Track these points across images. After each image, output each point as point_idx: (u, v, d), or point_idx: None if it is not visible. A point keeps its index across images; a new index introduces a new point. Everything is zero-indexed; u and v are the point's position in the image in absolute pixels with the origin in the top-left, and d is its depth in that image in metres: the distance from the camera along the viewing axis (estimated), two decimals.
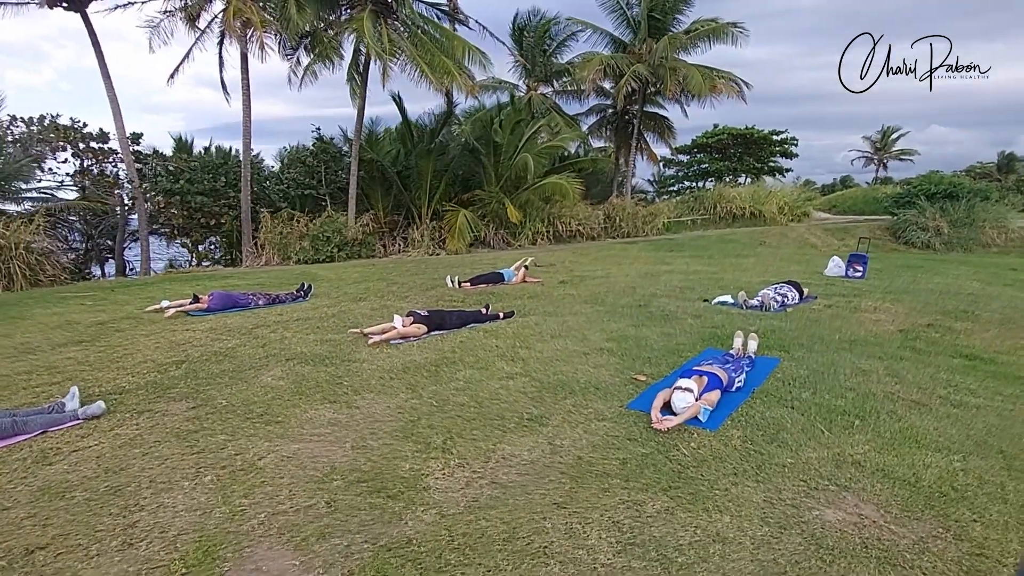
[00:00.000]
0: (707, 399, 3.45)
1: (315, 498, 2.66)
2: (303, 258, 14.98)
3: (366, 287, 8.81)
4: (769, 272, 10.22)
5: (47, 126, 15.69)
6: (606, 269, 11.10)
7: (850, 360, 4.49)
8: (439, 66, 15.76)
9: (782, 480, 2.73)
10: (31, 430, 3.40)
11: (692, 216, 24.45)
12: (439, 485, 2.75)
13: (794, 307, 6.62)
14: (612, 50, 23.55)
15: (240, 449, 3.17)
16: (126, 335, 5.65)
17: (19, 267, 9.86)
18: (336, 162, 18.62)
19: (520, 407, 3.66)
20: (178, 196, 16.17)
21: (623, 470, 2.84)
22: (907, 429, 3.25)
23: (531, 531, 2.38)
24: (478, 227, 18.22)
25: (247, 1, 14.53)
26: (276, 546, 2.34)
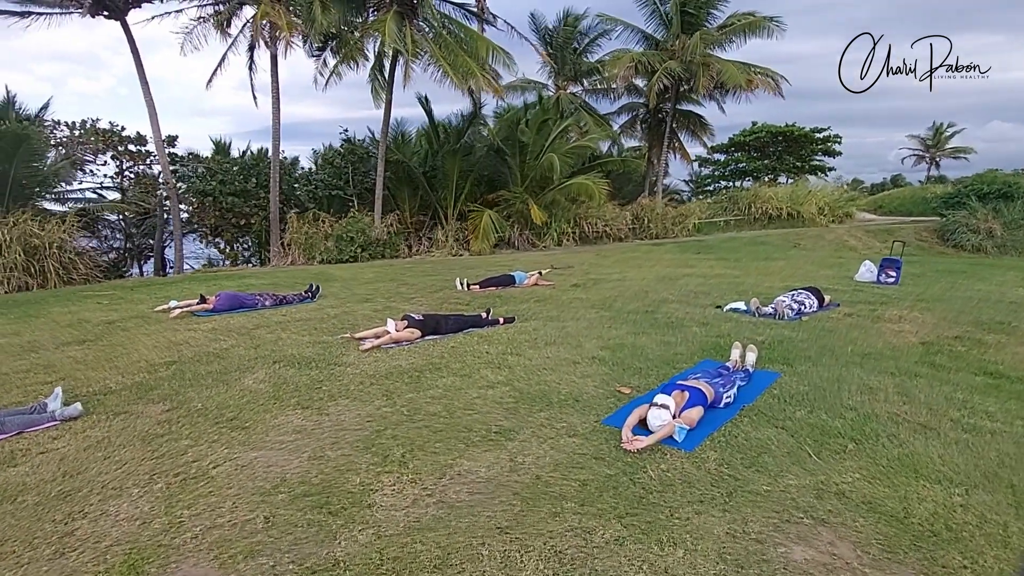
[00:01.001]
0: (687, 417, 3.23)
1: (255, 512, 2.58)
2: (327, 258, 15.18)
3: (375, 288, 8.81)
4: (796, 277, 9.75)
5: (87, 130, 16.39)
6: (624, 272, 10.82)
7: (858, 376, 4.16)
8: (462, 66, 15.74)
9: (752, 510, 2.50)
10: (8, 430, 3.45)
11: (725, 217, 23.73)
12: (385, 502, 2.63)
13: (811, 315, 6.25)
14: (644, 47, 23.08)
15: (199, 456, 3.13)
16: (129, 334, 5.76)
17: (53, 266, 10.28)
18: (363, 163, 18.83)
19: (491, 419, 3.52)
20: (211, 197, 16.64)
21: (581, 493, 2.66)
22: (907, 456, 2.96)
23: (465, 557, 2.23)
24: (503, 228, 18.13)
25: (275, 5, 14.86)
26: (203, 562, 2.26)
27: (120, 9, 15.04)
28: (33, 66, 57.07)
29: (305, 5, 14.82)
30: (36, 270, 10.08)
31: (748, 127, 34.47)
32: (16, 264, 9.69)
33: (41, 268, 10.17)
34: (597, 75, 24.26)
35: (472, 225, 17.89)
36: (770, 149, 34.27)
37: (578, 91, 25.35)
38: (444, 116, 18.91)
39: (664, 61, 21.27)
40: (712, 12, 21.95)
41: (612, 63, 22.28)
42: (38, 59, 65.48)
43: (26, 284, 9.84)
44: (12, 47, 56.81)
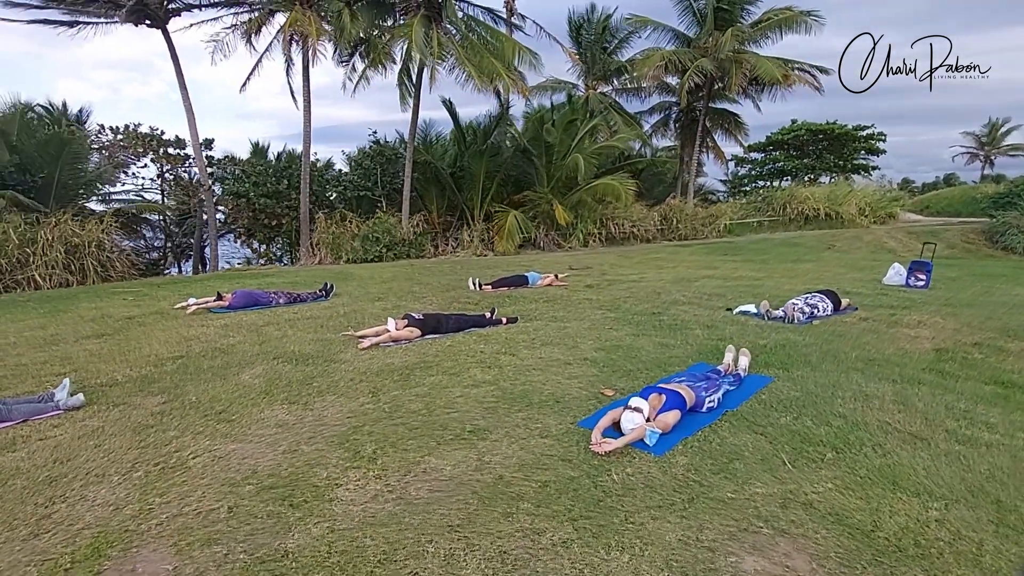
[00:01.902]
0: (661, 420, 3.17)
1: (221, 502, 2.66)
2: (352, 257, 15.49)
3: (390, 287, 8.94)
4: (822, 280, 9.43)
5: (129, 134, 17.17)
6: (643, 273, 10.67)
7: (856, 382, 4.00)
8: (488, 68, 15.82)
9: (710, 517, 2.44)
10: (15, 418, 3.66)
11: (758, 218, 23.10)
12: (346, 497, 2.68)
13: (824, 319, 6.03)
14: (676, 45, 22.70)
15: (182, 446, 3.24)
16: (146, 329, 6.01)
17: (92, 264, 10.81)
18: (392, 164, 19.12)
19: (469, 418, 3.53)
20: (244, 198, 17.20)
21: (539, 494, 2.65)
22: (889, 467, 2.83)
23: (410, 554, 2.25)
24: (528, 228, 18.12)
25: (305, 12, 15.26)
26: (161, 548, 2.35)
27: (161, 18, 15.69)
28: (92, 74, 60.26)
29: (335, 12, 15.16)
30: (76, 268, 10.62)
31: (787, 125, 33.53)
32: (57, 262, 10.23)
33: (81, 266, 10.70)
34: (627, 74, 24.00)
35: (497, 226, 17.96)
36: (810, 148, 33.18)
37: (608, 91, 25.14)
38: (472, 117, 19.02)
39: (695, 59, 20.89)
40: (747, 8, 21.47)
41: (642, 62, 22.00)
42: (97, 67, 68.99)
43: (67, 281, 10.37)
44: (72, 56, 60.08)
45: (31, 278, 10.02)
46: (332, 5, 15.41)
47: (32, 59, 63.50)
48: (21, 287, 9.91)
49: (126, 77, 72.33)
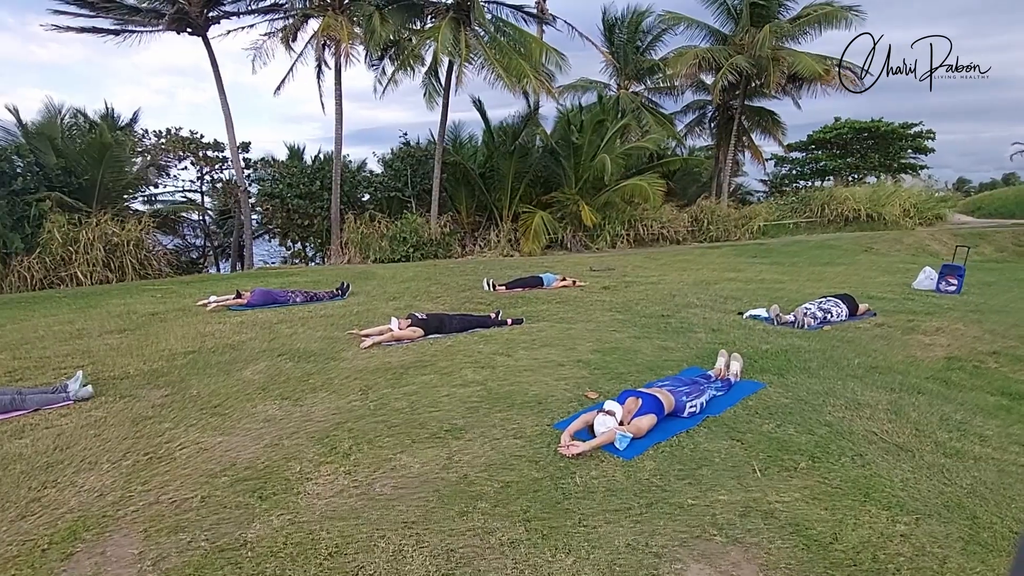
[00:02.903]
0: (635, 424, 3.14)
1: (196, 492, 2.79)
2: (380, 257, 15.78)
3: (407, 287, 9.09)
4: (849, 284, 9.12)
5: (170, 138, 17.94)
6: (664, 275, 10.52)
7: (852, 390, 3.86)
8: (515, 69, 15.88)
9: (665, 523, 2.42)
10: (28, 407, 3.90)
11: (794, 219, 22.41)
12: (313, 491, 2.76)
13: (838, 325, 5.83)
14: (711, 42, 22.26)
15: (173, 438, 3.40)
16: (166, 325, 6.29)
17: (130, 262, 11.36)
18: (422, 165, 19.38)
19: (449, 417, 3.58)
20: (278, 199, 17.74)
21: (500, 494, 2.67)
22: (864, 478, 2.74)
23: (360, 548, 2.31)
24: (555, 229, 18.09)
25: (338, 16, 15.63)
26: (132, 534, 2.48)
27: (201, 26, 16.34)
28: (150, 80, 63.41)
29: (366, 17, 15.49)
30: (116, 266, 11.19)
31: (830, 123, 32.40)
32: (98, 260, 10.80)
33: (120, 264, 11.27)
34: (660, 73, 23.66)
35: (524, 226, 17.99)
36: (854, 147, 31.99)
37: (640, 90, 24.84)
38: (502, 118, 19.07)
39: (730, 56, 20.45)
40: (785, 3, 20.89)
41: (674, 60, 21.66)
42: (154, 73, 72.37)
43: (106, 278, 10.93)
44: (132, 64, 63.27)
45: (73, 275, 10.61)
46: (363, 9, 15.76)
47: (94, 67, 67.24)
48: (64, 283, 10.50)
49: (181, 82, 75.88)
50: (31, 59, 61.03)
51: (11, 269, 10.16)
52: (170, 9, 14.54)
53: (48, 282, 10.38)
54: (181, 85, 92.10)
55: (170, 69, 72.49)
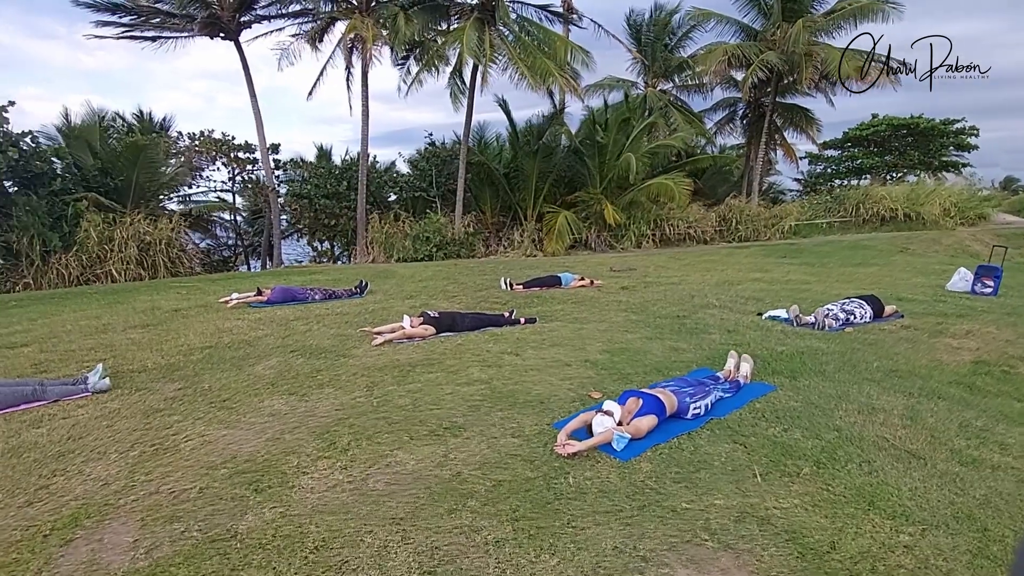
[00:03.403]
0: (635, 425, 3.09)
1: (195, 483, 2.84)
2: (403, 256, 15.93)
3: (425, 286, 9.14)
4: (881, 285, 8.81)
5: (203, 140, 18.46)
6: (686, 275, 10.34)
7: (868, 394, 3.72)
8: (540, 68, 15.84)
9: (655, 527, 2.36)
10: (48, 398, 4.04)
11: (828, 219, 21.78)
12: (308, 485, 2.79)
13: (861, 326, 5.63)
14: (741, 38, 21.82)
15: (180, 430, 3.48)
16: (187, 321, 6.46)
17: (162, 260, 11.72)
18: (447, 165, 19.50)
19: (449, 415, 3.57)
20: (306, 199, 18.08)
21: (491, 492, 2.65)
22: (870, 486, 2.62)
23: (347, 543, 2.32)
24: (579, 229, 17.97)
25: (363, 18, 15.84)
26: (130, 522, 2.54)
27: (233, 31, 16.77)
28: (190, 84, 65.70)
29: (391, 17, 15.67)
30: (148, 264, 11.56)
31: (867, 120, 31.37)
32: (131, 258, 11.17)
33: (152, 262, 11.63)
34: (688, 71, 23.30)
35: (547, 226, 17.93)
36: (892, 144, 30.92)
37: (669, 88, 24.50)
38: (527, 118, 19.05)
39: (761, 52, 20.01)
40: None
41: (703, 57, 21.33)
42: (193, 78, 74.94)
43: (139, 275, 11.30)
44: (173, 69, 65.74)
45: (108, 272, 10.99)
46: (388, 10, 15.94)
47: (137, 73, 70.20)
48: (100, 280, 10.89)
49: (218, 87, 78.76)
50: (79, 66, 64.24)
51: (50, 266, 10.60)
52: (202, 13, 14.94)
53: (84, 279, 10.79)
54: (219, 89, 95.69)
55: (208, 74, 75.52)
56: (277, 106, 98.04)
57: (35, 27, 48.24)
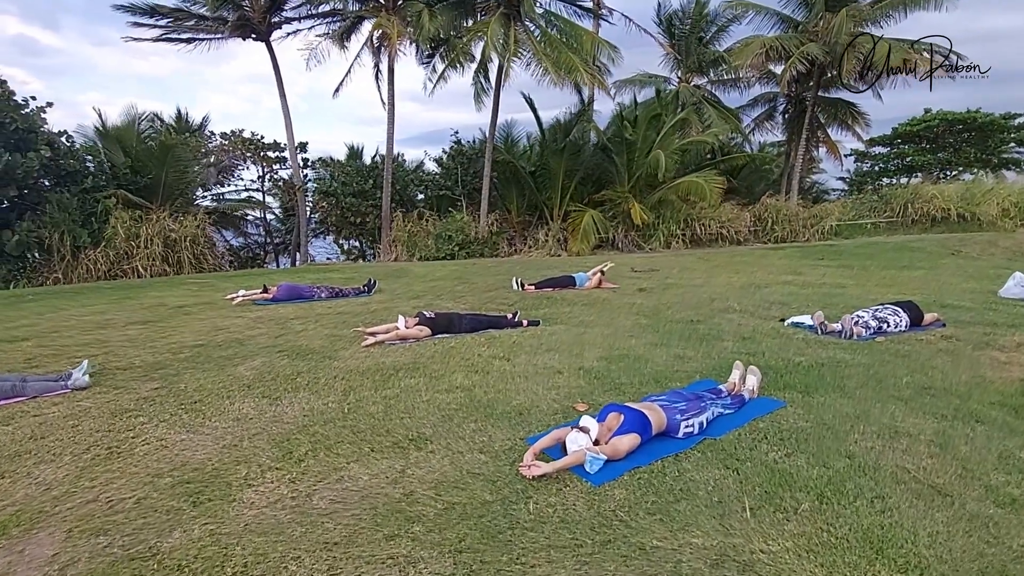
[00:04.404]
0: (613, 444, 2.76)
1: (136, 492, 2.67)
2: (425, 255, 15.83)
3: (435, 285, 8.95)
4: (926, 290, 8.16)
5: (234, 140, 18.79)
6: (711, 277, 9.84)
7: (892, 415, 3.28)
8: (565, 63, 15.51)
9: (616, 568, 2.04)
10: (27, 394, 3.97)
11: (872, 219, 20.63)
12: (249, 499, 2.58)
13: (895, 336, 5.11)
14: (781, 30, 20.91)
15: (141, 433, 3.33)
16: (188, 318, 6.42)
17: (187, 256, 11.90)
18: (473, 164, 19.34)
19: (419, 425, 3.32)
20: (333, 198, 18.21)
21: (440, 517, 2.38)
22: (881, 528, 2.24)
23: (269, 569, 2.09)
24: (606, 228, 17.52)
25: (389, 16, 15.82)
26: (57, 533, 2.38)
27: (264, 32, 17.02)
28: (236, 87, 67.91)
29: (415, 14, 15.59)
30: (173, 260, 11.75)
31: (918, 115, 29.69)
32: (156, 254, 11.37)
33: (178, 258, 11.82)
34: (724, 65, 22.48)
35: (572, 225, 17.55)
36: (946, 140, 29.16)
37: (703, 83, 23.72)
38: (556, 116, 18.67)
39: (801, 44, 19.10)
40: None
41: (739, 51, 20.50)
42: (239, 81, 77.47)
43: (164, 271, 11.50)
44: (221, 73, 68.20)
45: (135, 268, 11.22)
46: (413, 7, 15.87)
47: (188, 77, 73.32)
48: (127, 276, 11.12)
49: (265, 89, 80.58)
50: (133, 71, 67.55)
51: (80, 262, 10.88)
52: (232, 15, 15.17)
53: (112, 274, 11.04)
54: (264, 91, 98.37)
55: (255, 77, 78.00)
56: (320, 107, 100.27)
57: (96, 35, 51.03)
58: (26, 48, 64.13)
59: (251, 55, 35.79)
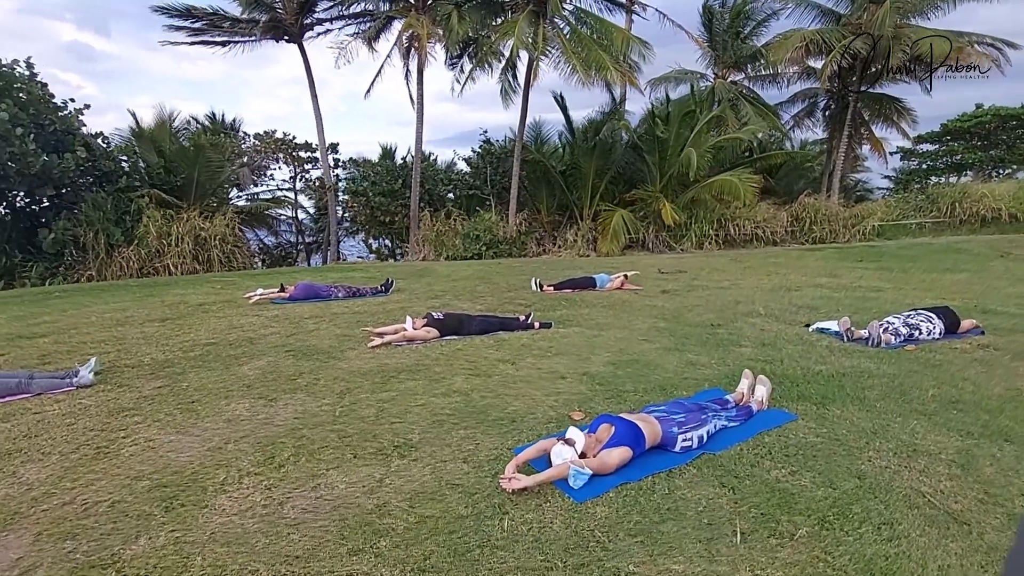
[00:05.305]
0: (602, 458, 2.60)
1: (112, 495, 2.64)
2: (452, 254, 15.80)
3: (456, 285, 8.87)
4: (969, 295, 7.66)
5: (266, 140, 19.16)
6: (740, 279, 9.49)
7: (912, 430, 3.01)
8: (594, 60, 15.25)
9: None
10: (32, 391, 4.03)
11: (917, 219, 19.65)
12: (221, 506, 2.52)
13: (927, 343, 4.77)
14: (823, 23, 20.13)
15: (132, 433, 3.33)
16: (205, 317, 6.49)
17: (217, 255, 12.15)
18: (502, 163, 19.24)
19: (408, 430, 3.22)
20: (363, 197, 18.37)
21: (409, 532, 2.27)
22: (886, 558, 2.02)
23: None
24: (636, 229, 17.18)
25: (419, 16, 15.85)
26: (27, 536, 2.36)
27: (296, 33, 17.28)
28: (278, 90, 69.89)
29: (445, 15, 15.58)
30: (203, 258, 12.02)
31: (970, 111, 28.17)
32: (187, 252, 11.64)
33: (208, 256, 12.09)
34: (762, 60, 21.78)
35: (602, 225, 17.26)
36: (1000, 137, 27.59)
37: (740, 79, 23.05)
38: (587, 116, 18.44)
39: (843, 38, 18.33)
40: None
41: (778, 45, 19.79)
42: (281, 84, 79.54)
43: (194, 269, 11.77)
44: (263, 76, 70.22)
45: (166, 266, 11.52)
46: (443, 8, 15.86)
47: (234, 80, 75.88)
48: (158, 273, 11.43)
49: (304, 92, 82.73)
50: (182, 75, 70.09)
51: (113, 259, 11.24)
52: (264, 17, 15.44)
53: (144, 272, 11.37)
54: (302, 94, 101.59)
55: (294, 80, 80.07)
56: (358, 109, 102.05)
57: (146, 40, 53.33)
58: (81, 54, 67.22)
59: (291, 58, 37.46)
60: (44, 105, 10.38)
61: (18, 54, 32.99)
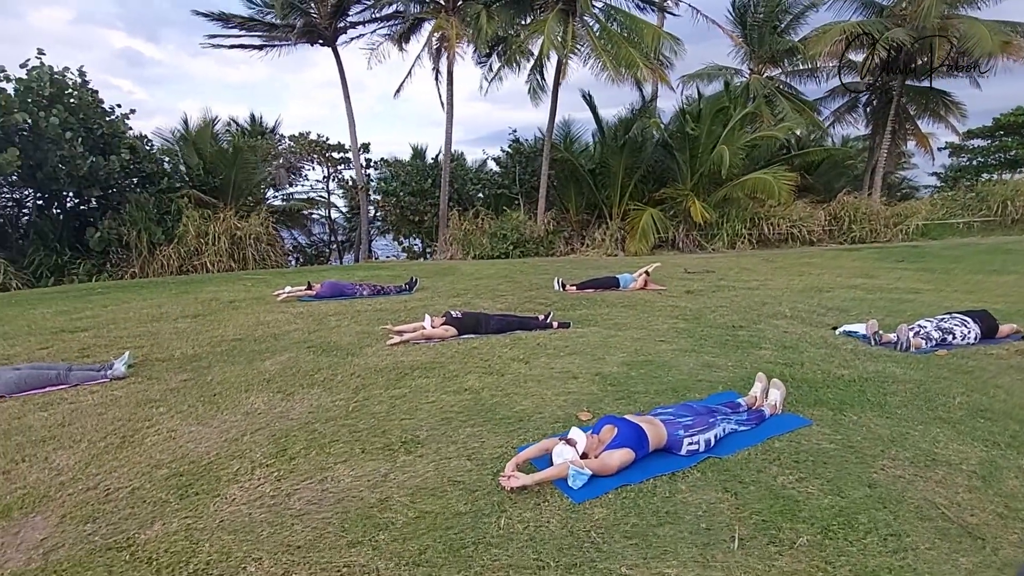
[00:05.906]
0: (603, 460, 2.59)
1: (132, 482, 2.77)
2: (479, 254, 15.90)
3: (479, 284, 8.93)
4: (1012, 297, 7.30)
5: (300, 142, 19.63)
6: (769, 280, 9.27)
7: (933, 439, 2.89)
8: (624, 58, 15.10)
9: None
10: (70, 382, 4.26)
11: (967, 218, 18.79)
12: (232, 495, 2.61)
13: (962, 348, 4.57)
14: (864, 16, 19.44)
15: (157, 423, 3.48)
16: (235, 313, 6.71)
17: (251, 253, 12.53)
18: (531, 162, 19.25)
19: (416, 427, 3.26)
20: (393, 197, 18.66)
21: (407, 527, 2.31)
22: (888, 571, 1.95)
23: (228, 568, 2.09)
24: (666, 228, 16.95)
25: (449, 17, 15.99)
26: (52, 518, 2.50)
27: (330, 37, 17.66)
28: (315, 93, 71.64)
29: (474, 15, 15.68)
30: (239, 256, 12.41)
31: None
32: (223, 251, 12.05)
33: (243, 255, 12.47)
34: (799, 55, 21.15)
35: (631, 224, 17.09)
36: None
37: (776, 74, 22.44)
38: (617, 114, 18.26)
39: (885, 29, 17.65)
40: None
41: (816, 39, 19.20)
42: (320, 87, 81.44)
43: (230, 267, 12.17)
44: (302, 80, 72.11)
45: (204, 264, 11.94)
46: (472, 8, 15.96)
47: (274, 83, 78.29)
48: (196, 271, 11.86)
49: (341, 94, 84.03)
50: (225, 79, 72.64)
51: (155, 257, 11.72)
52: (299, 21, 15.83)
53: (183, 270, 11.82)
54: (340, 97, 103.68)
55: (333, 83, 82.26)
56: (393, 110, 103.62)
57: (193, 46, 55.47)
58: (132, 60, 70.20)
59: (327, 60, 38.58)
60: (93, 110, 10.90)
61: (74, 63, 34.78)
